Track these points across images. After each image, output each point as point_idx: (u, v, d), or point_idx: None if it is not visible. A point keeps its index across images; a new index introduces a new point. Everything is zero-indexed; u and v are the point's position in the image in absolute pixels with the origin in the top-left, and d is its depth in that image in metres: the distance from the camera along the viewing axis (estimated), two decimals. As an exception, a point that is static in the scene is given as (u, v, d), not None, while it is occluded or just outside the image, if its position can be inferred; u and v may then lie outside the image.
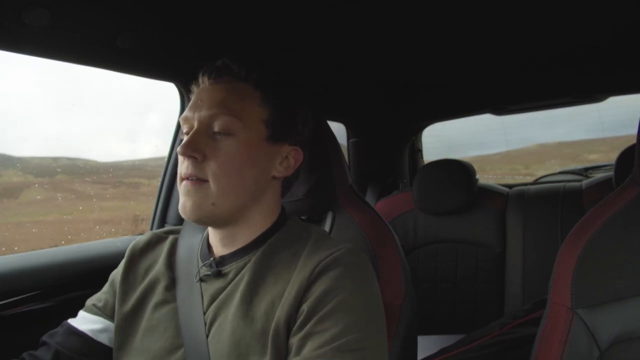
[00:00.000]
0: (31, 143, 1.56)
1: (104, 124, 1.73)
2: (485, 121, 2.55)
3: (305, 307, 0.67)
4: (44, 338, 0.83)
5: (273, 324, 0.68)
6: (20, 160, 1.59)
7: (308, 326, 0.66)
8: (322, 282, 0.68)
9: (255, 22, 1.06)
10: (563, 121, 2.80)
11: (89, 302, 0.87)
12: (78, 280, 1.07)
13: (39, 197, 1.61)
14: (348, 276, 0.69)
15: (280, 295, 0.70)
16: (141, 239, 0.90)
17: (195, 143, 0.72)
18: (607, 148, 2.57)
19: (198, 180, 0.72)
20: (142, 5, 0.91)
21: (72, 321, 0.84)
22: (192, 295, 0.77)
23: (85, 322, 0.83)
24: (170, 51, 1.07)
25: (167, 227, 0.96)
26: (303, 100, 0.84)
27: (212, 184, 0.72)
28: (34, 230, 1.54)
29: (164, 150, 1.39)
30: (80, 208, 1.71)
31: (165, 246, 0.87)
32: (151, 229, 1.38)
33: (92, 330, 0.82)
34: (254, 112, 0.76)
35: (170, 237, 0.89)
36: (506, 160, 3.28)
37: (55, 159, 1.67)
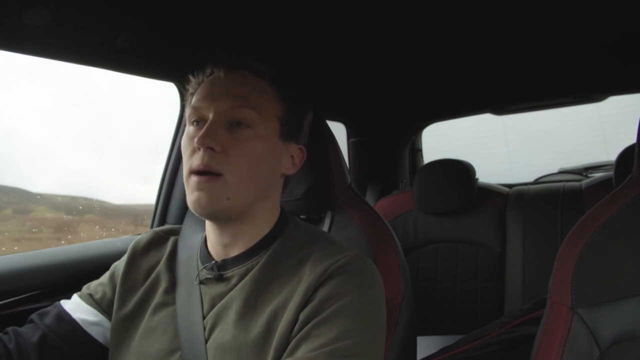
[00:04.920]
0: (48, 179, 1.59)
1: (119, 165, 1.77)
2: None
3: (306, 311, 0.66)
4: (33, 316, 0.80)
5: (277, 334, 0.67)
6: (39, 196, 1.62)
7: (305, 329, 0.65)
8: (325, 289, 0.67)
9: (256, 21, 1.06)
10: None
11: (86, 289, 0.85)
12: (78, 280, 1.06)
13: (96, 236, 1.66)
14: (352, 282, 0.68)
15: (283, 304, 0.69)
16: (142, 237, 0.89)
17: (213, 134, 0.70)
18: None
19: (212, 175, 0.70)
20: (142, 5, 0.91)
21: (65, 304, 0.82)
22: (192, 298, 0.76)
23: (78, 309, 0.81)
24: (170, 51, 1.07)
25: (167, 226, 0.94)
26: (310, 100, 0.85)
27: (229, 178, 0.70)
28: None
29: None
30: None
31: (167, 248, 0.86)
32: (151, 227, 1.38)
33: (85, 321, 0.80)
34: (272, 108, 0.76)
35: (171, 239, 0.88)
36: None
37: (73, 198, 1.70)
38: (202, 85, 0.77)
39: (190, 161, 0.72)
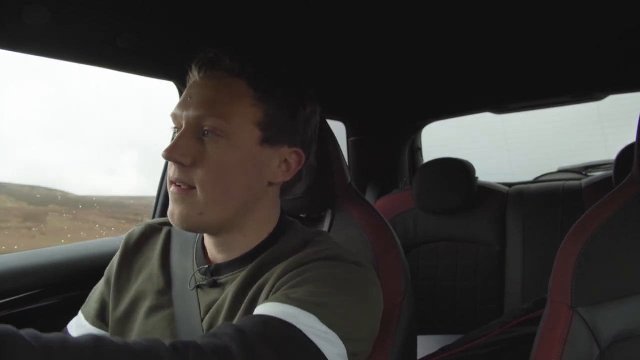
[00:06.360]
0: (6, 168, 1.57)
1: (84, 156, 1.75)
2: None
3: (284, 279, 0.66)
4: None
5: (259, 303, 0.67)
6: (-4, 185, 1.60)
7: (277, 292, 0.64)
8: (306, 265, 0.67)
9: (256, 20, 1.06)
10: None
11: (87, 306, 0.85)
12: (78, 279, 1.07)
13: (66, 226, 1.64)
14: (333, 264, 0.67)
15: (265, 281, 0.69)
16: (135, 230, 0.86)
17: (181, 147, 0.67)
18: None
19: (186, 188, 0.68)
20: (142, 5, 0.91)
21: (70, 329, 0.83)
22: (189, 303, 0.74)
23: (83, 332, 0.81)
24: (170, 50, 1.07)
25: (162, 218, 0.90)
26: (304, 97, 0.77)
27: (200, 193, 0.67)
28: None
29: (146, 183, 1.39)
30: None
31: (160, 241, 0.83)
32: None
33: None
34: (246, 114, 0.69)
35: (165, 230, 0.84)
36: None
37: (33, 188, 1.68)
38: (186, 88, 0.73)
39: (169, 171, 0.70)
